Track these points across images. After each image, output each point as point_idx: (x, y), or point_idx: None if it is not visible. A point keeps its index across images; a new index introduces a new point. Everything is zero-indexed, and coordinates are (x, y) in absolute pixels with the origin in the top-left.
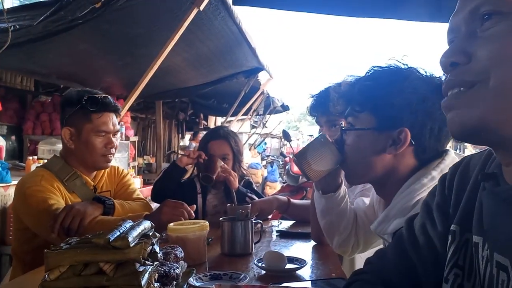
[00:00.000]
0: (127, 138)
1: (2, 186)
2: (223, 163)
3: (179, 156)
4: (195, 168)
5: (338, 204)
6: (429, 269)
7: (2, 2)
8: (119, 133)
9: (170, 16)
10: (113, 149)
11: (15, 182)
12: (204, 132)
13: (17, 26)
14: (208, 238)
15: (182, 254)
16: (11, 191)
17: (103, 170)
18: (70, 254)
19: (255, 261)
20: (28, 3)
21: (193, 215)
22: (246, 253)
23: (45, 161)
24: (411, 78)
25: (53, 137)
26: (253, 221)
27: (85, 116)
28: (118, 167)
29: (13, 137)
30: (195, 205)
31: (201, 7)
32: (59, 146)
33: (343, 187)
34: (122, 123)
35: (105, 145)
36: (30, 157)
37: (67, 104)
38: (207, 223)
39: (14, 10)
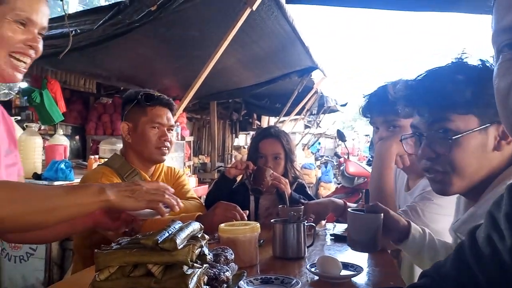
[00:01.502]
0: (182, 138)
1: (66, 184)
2: (272, 172)
3: (227, 167)
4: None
5: (422, 242)
6: (494, 283)
7: (64, 8)
8: (174, 129)
9: (224, 17)
10: (167, 143)
11: (78, 180)
12: None
13: (78, 31)
14: (260, 240)
15: (233, 256)
16: None
17: (160, 169)
18: (119, 255)
19: (308, 266)
20: (89, 8)
21: (246, 218)
22: (299, 257)
23: (106, 160)
24: (490, 70)
25: (113, 137)
26: (306, 224)
27: (141, 110)
28: (174, 168)
29: (77, 137)
30: (247, 211)
31: (254, 7)
32: (119, 146)
33: (413, 226)
34: (178, 123)
35: (159, 137)
36: (92, 156)
37: (126, 102)
38: (258, 224)
39: (76, 15)
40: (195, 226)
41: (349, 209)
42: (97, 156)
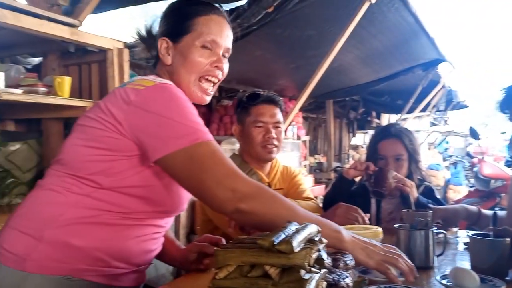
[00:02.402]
0: (298, 137)
1: None
2: (395, 173)
3: (345, 168)
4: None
5: None
6: None
7: None
8: (283, 125)
9: (341, 13)
10: (273, 140)
11: None
12: None
13: None
14: None
15: (353, 262)
16: None
17: (276, 168)
18: (237, 254)
19: (438, 277)
20: None
21: (367, 222)
22: (427, 267)
23: None
24: None
25: (232, 137)
26: (435, 231)
27: (246, 110)
28: (290, 167)
29: None
30: (369, 214)
31: (373, 0)
32: (238, 145)
33: None
34: (294, 123)
35: (263, 135)
36: None
37: (236, 105)
38: (380, 229)
39: None
40: (312, 228)
41: (471, 233)
42: None
